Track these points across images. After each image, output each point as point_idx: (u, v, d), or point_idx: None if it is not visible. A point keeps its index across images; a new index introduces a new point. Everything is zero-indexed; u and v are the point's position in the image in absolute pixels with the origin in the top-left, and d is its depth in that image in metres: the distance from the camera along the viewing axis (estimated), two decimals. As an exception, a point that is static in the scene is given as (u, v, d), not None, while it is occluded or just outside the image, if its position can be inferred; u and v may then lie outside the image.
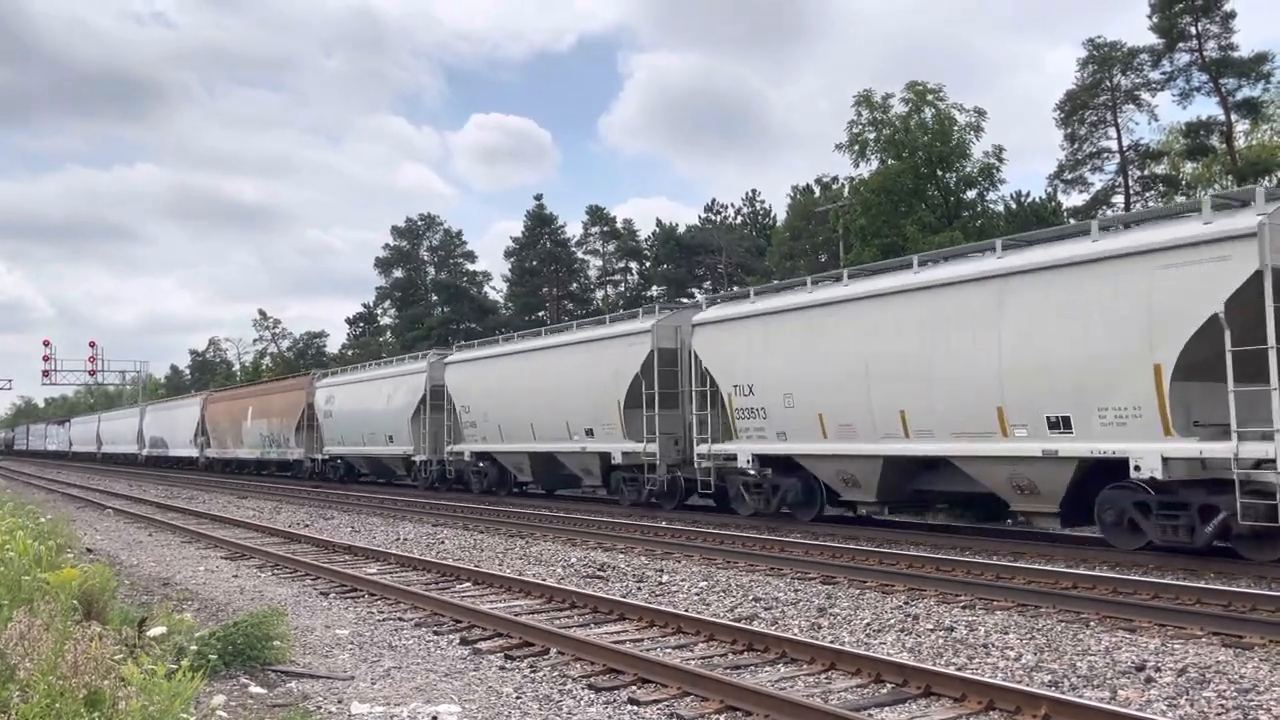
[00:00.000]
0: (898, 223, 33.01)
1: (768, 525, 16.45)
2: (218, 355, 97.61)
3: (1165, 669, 6.83)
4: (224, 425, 43.94)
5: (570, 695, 6.55)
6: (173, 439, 50.96)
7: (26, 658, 4.62)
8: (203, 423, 46.17)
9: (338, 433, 33.22)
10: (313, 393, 35.21)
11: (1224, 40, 32.80)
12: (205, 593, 11.16)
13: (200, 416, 46.39)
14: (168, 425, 52.13)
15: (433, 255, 69.27)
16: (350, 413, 32.22)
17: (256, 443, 39.92)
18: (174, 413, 51.83)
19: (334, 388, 33.99)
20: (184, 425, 49.13)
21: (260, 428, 39.73)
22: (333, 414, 33.51)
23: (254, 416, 40.27)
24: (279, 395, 38.87)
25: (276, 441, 38.27)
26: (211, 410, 45.84)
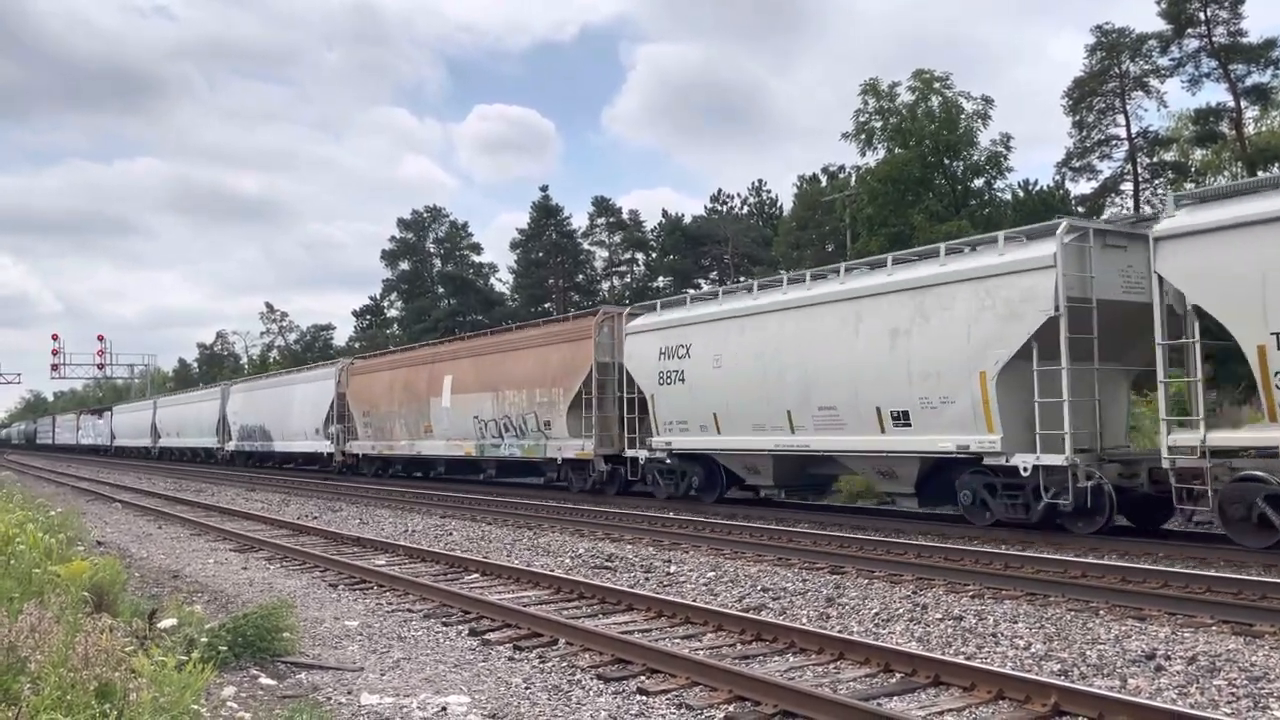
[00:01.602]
0: (905, 212, 32.92)
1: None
2: (225, 348, 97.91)
3: (1175, 657, 6.81)
4: (388, 406, 30.13)
5: (579, 685, 6.56)
6: (280, 428, 38.66)
7: (38, 650, 4.63)
8: (340, 404, 33.22)
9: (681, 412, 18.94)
10: (612, 342, 21.14)
11: (1233, 26, 32.60)
12: (215, 585, 11.20)
13: (335, 395, 33.44)
14: (272, 409, 39.47)
15: (439, 247, 69.33)
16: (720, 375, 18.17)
17: (467, 431, 25.80)
18: (283, 391, 38.83)
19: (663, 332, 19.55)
20: (303, 409, 36.16)
21: (479, 406, 25.27)
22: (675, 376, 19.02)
23: (462, 389, 26.18)
24: (530, 352, 23.80)
25: (518, 428, 23.76)
26: (359, 385, 32.42)
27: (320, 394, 34.49)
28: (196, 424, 50.07)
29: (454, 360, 27.16)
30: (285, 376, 41.23)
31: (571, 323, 23.69)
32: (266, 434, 40.03)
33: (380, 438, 30.66)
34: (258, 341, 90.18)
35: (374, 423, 30.93)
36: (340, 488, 27.36)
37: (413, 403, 28.42)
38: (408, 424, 28.82)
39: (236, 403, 43.80)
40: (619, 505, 19.36)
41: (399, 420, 29.39)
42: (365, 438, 31.70)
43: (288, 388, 38.55)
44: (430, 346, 31.64)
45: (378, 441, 30.84)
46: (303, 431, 36.21)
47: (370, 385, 31.48)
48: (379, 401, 30.57)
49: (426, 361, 28.56)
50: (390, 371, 30.56)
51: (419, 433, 28.20)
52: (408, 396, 28.77)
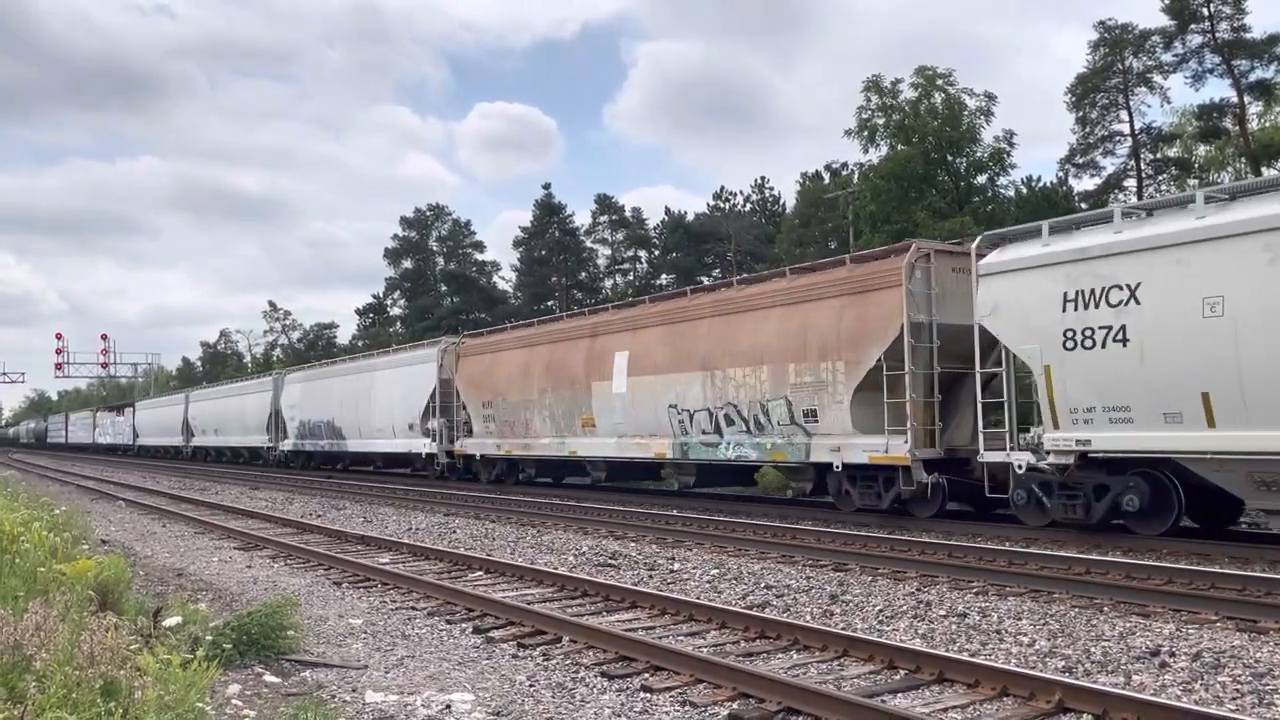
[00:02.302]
0: (908, 209, 32.86)
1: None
2: (229, 347, 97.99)
3: (1180, 654, 6.80)
4: (521, 394, 23.72)
5: (583, 683, 6.57)
6: (357, 423, 32.19)
7: (43, 648, 4.64)
8: (444, 393, 27.13)
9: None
10: (929, 291, 14.98)
11: (1236, 22, 32.46)
12: (219, 583, 11.22)
13: (436, 382, 27.32)
14: (345, 401, 32.94)
15: (441, 245, 69.30)
16: None
17: (655, 425, 19.38)
18: (361, 380, 32.34)
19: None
20: (390, 400, 29.96)
21: (677, 391, 18.79)
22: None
23: (647, 368, 19.66)
24: (777, 312, 17.03)
25: (752, 420, 17.22)
26: (474, 368, 26.01)
27: (415, 381, 28.40)
28: (240, 420, 44.25)
29: (631, 331, 20.51)
30: (363, 361, 34.26)
31: (861, 266, 16.09)
32: (336, 431, 33.87)
33: (509, 434, 24.37)
34: (261, 340, 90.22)
35: (499, 415, 24.62)
36: (344, 487, 27.38)
37: (562, 389, 22.12)
38: (554, 416, 22.53)
39: (294, 394, 37.81)
40: (625, 503, 19.26)
41: (538, 412, 23.07)
42: (484, 434, 25.36)
43: (367, 375, 32.16)
44: (588, 315, 23.74)
45: (505, 439, 24.54)
46: (389, 427, 30.00)
47: (493, 368, 25.12)
48: (506, 388, 24.32)
49: (584, 334, 22.04)
50: (524, 350, 24.15)
51: (571, 427, 21.96)
52: (554, 380, 22.48)
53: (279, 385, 39.99)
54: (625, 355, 20.22)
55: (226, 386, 50.76)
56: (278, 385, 40.18)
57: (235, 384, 50.38)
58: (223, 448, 48.24)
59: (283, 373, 41.69)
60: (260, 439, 41.63)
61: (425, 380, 27.86)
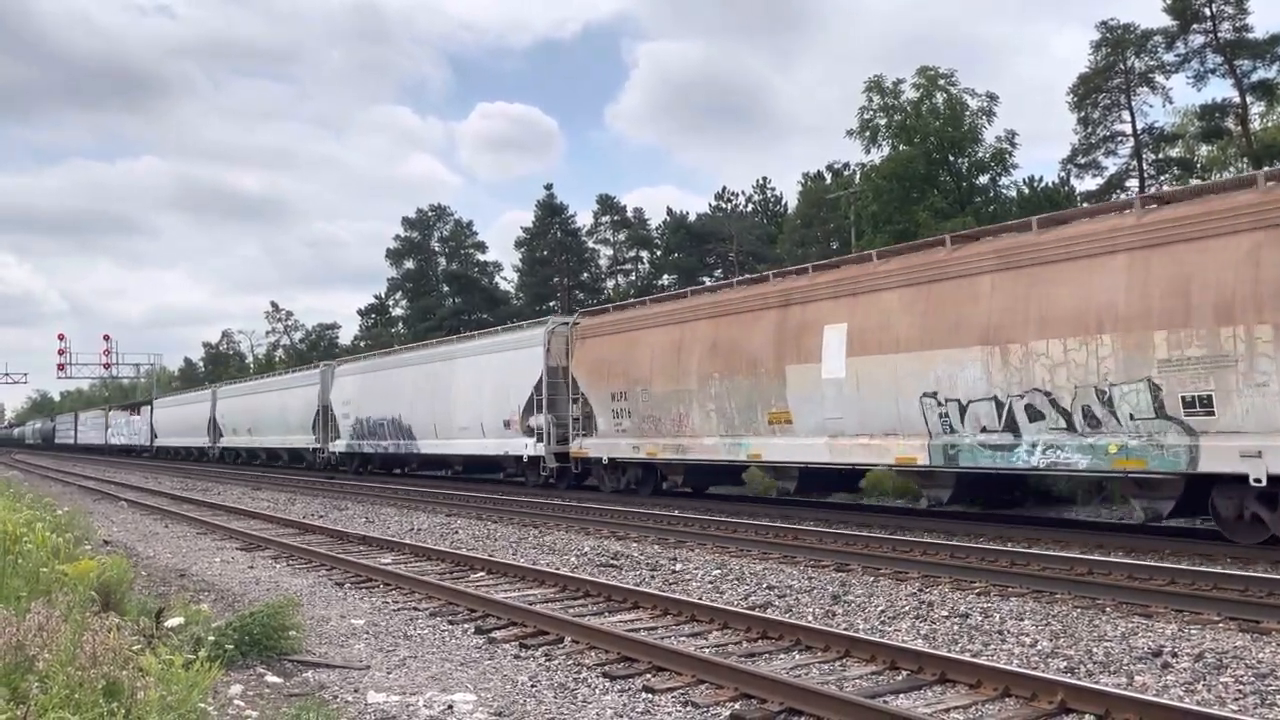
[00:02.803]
0: (909, 209, 32.85)
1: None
2: (231, 347, 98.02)
3: (1182, 654, 6.80)
4: (669, 383, 19.29)
5: (585, 684, 6.57)
6: (431, 420, 27.95)
7: (45, 649, 4.64)
8: (552, 383, 22.85)
9: None
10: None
11: (1238, 22, 32.43)
12: (221, 583, 11.22)
13: (542, 370, 22.89)
14: (415, 395, 28.70)
15: (443, 246, 69.32)
16: None
17: (895, 420, 14.79)
18: (437, 370, 28.03)
19: None
20: (477, 392, 25.55)
21: (936, 375, 14.14)
22: None
23: (873, 345, 15.17)
24: (1127, 260, 12.10)
25: (1083, 414, 12.41)
26: (598, 352, 21.54)
27: (513, 370, 23.91)
28: (279, 419, 39.48)
29: (850, 296, 15.66)
30: (441, 348, 29.54)
31: None
32: (403, 430, 29.45)
33: (651, 432, 19.80)
34: (263, 341, 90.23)
35: (637, 410, 20.05)
36: (346, 487, 27.35)
37: (738, 375, 17.50)
38: (723, 411, 17.86)
39: (348, 388, 33.56)
40: (627, 504, 19.32)
41: (698, 405, 18.40)
42: (614, 433, 20.86)
43: (444, 365, 27.86)
44: (773, 280, 18.02)
45: (645, 439, 19.94)
46: (475, 425, 25.53)
47: (627, 351, 20.50)
48: (649, 376, 19.73)
49: (769, 304, 17.27)
50: (674, 328, 19.46)
51: (751, 424, 17.22)
52: (724, 365, 17.83)
53: (328, 378, 35.47)
54: (841, 329, 15.56)
55: (263, 380, 45.51)
56: (326, 378, 35.61)
57: (273, 377, 45.32)
58: (257, 449, 43.32)
59: (332, 364, 37.29)
60: (304, 439, 36.95)
61: (527, 369, 23.16)
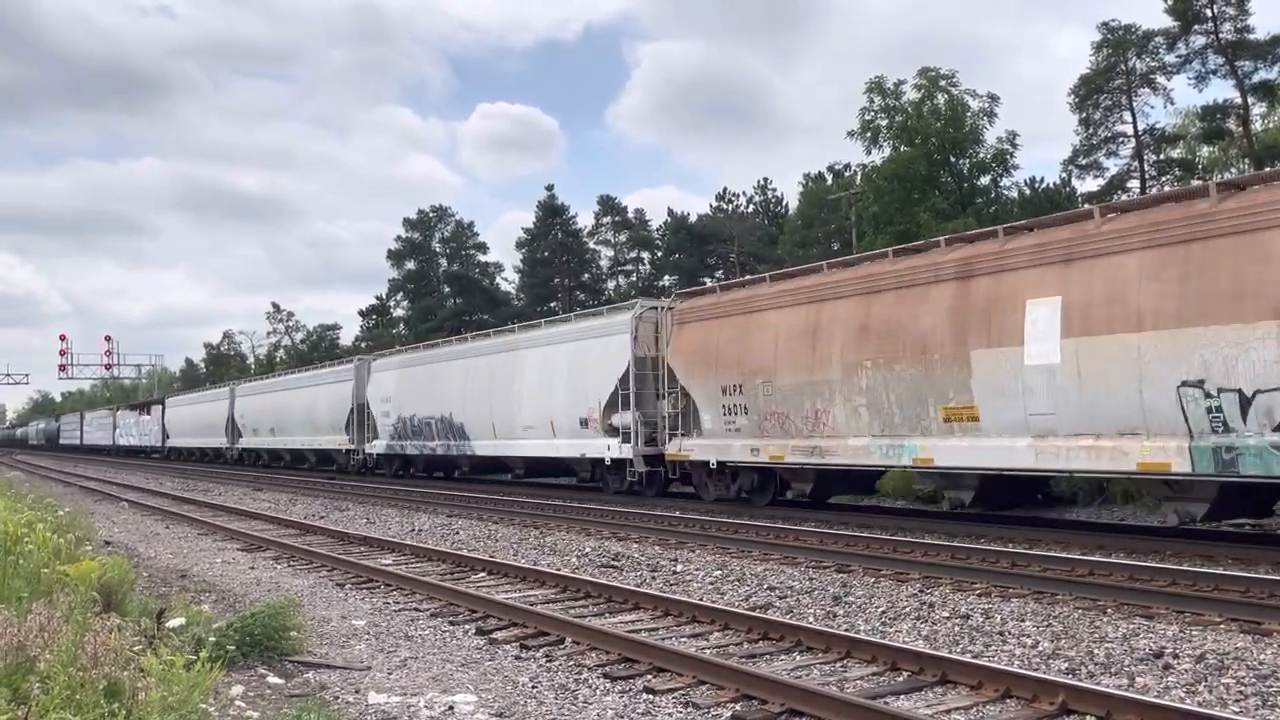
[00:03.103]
0: (911, 210, 32.85)
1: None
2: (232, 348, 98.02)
3: (1183, 656, 6.79)
4: (802, 372, 16.49)
5: (586, 684, 6.57)
6: (490, 419, 24.89)
7: (46, 649, 4.65)
8: (641, 374, 20.16)
9: None
10: None
11: (1240, 23, 32.40)
12: (222, 584, 11.23)
13: (629, 360, 20.13)
14: (469, 391, 25.89)
15: (444, 247, 69.34)
16: None
17: (1133, 415, 11.85)
18: (497, 363, 25.09)
19: None
20: (548, 386, 22.74)
21: (1238, 354, 10.82)
22: None
23: (1092, 319, 12.29)
24: None
25: None
26: (703, 339, 18.82)
27: (592, 361, 21.22)
28: (308, 417, 36.43)
29: (1063, 264, 12.81)
30: (502, 339, 26.41)
31: None
32: (454, 429, 26.57)
33: (776, 432, 16.89)
34: (264, 341, 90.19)
35: (757, 405, 17.18)
36: (346, 487, 27.32)
37: (900, 362, 14.55)
38: (877, 406, 14.98)
39: (387, 384, 30.78)
40: (626, 504, 19.35)
41: (842, 399, 15.53)
42: (725, 432, 18.00)
43: (507, 356, 24.76)
44: (945, 249, 14.81)
45: (768, 439, 17.01)
46: (545, 424, 22.71)
47: (741, 337, 17.66)
48: (772, 365, 16.85)
49: (941, 276, 14.26)
50: (806, 308, 16.49)
51: (918, 422, 14.43)
52: (878, 350, 14.90)
53: (364, 374, 32.56)
54: (1052, 304, 12.74)
55: (289, 376, 42.21)
56: (362, 374, 32.66)
57: (300, 373, 41.44)
58: (281, 450, 40.21)
59: (368, 359, 34.03)
60: (336, 440, 34.13)
61: (611, 360, 20.20)
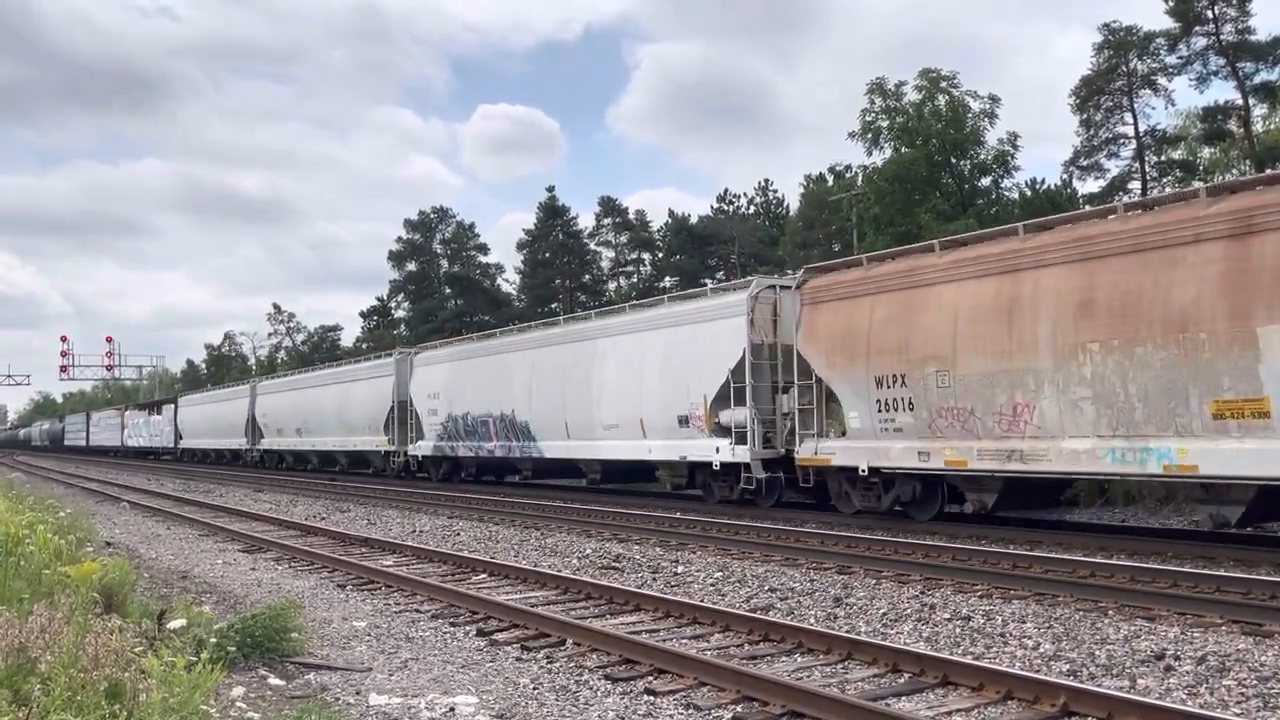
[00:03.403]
0: (911, 211, 32.85)
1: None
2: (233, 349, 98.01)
3: (1185, 657, 6.79)
4: (995, 358, 13.23)
5: (587, 686, 6.57)
6: (573, 417, 21.91)
7: (48, 650, 4.65)
8: (758, 363, 17.33)
9: None
10: None
11: (1241, 24, 32.36)
12: (223, 585, 11.23)
13: (745, 346, 17.24)
14: (543, 383, 22.96)
15: (445, 248, 69.37)
16: None
17: None
18: (570, 354, 22.29)
19: None
20: (635, 379, 19.97)
21: None
22: None
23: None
24: None
25: None
26: (839, 317, 15.59)
27: (698, 349, 18.30)
28: (340, 416, 33.70)
29: None
30: (575, 326, 23.32)
31: None
32: (517, 429, 23.74)
33: (952, 432, 13.70)
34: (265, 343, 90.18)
35: (924, 399, 13.98)
36: (348, 487, 27.31)
37: (1139, 344, 11.64)
38: (1107, 399, 11.98)
39: (434, 379, 28.15)
40: (628, 505, 19.32)
41: (1051, 391, 12.55)
42: (878, 433, 14.71)
43: (583, 346, 21.81)
44: (1200, 200, 11.64)
45: (940, 440, 13.85)
46: (631, 422, 19.78)
47: (902, 318, 14.41)
48: (944, 350, 13.77)
49: (1203, 234, 11.23)
50: (995, 280, 13.38)
51: (1176, 420, 11.36)
52: (1108, 329, 11.95)
53: (406, 368, 29.89)
54: None
55: (319, 372, 39.25)
56: (404, 369, 29.98)
57: (332, 368, 38.70)
58: (308, 452, 37.56)
59: (410, 351, 31.35)
60: (373, 440, 31.45)
61: (721, 347, 17.44)
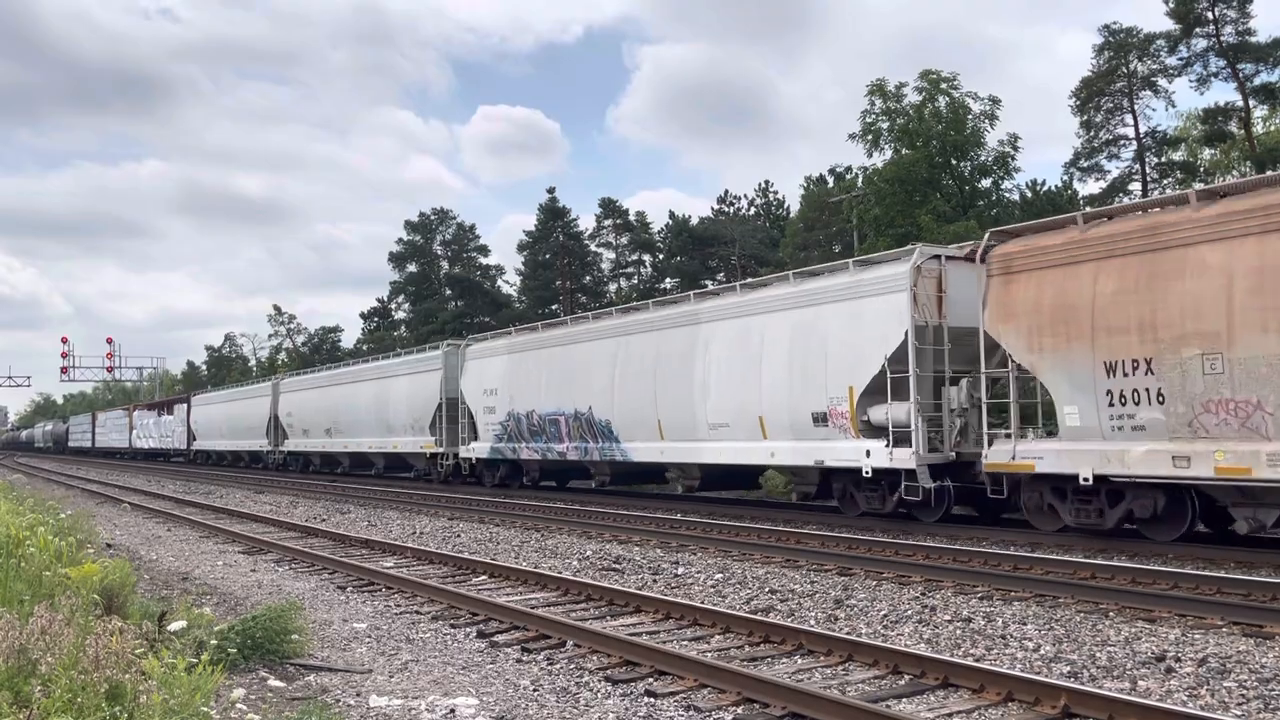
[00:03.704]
0: (912, 212, 32.85)
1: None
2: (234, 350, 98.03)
3: (1185, 659, 6.79)
4: None
5: (587, 688, 6.56)
6: (668, 415, 19.10)
7: (48, 652, 4.65)
8: (923, 350, 14.39)
9: None
10: None
11: (1241, 25, 32.44)
12: (224, 587, 11.23)
13: (908, 329, 14.31)
14: (624, 377, 20.37)
15: (446, 249, 69.42)
16: None
17: None
18: (659, 343, 19.63)
19: None
20: (745, 370, 17.23)
21: None
22: None
23: None
24: None
25: None
26: (1067, 287, 12.20)
27: (837, 333, 15.68)
28: (378, 416, 30.80)
29: None
30: (671, 310, 20.06)
31: None
32: (595, 428, 21.06)
33: (1221, 430, 10.90)
34: (266, 344, 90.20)
35: (1178, 390, 11.22)
36: (348, 489, 27.30)
37: None
38: None
39: (488, 373, 24.97)
40: (629, 507, 19.31)
41: None
42: (1108, 431, 11.88)
43: (680, 333, 18.87)
44: None
45: (1203, 442, 11.00)
46: (742, 419, 17.33)
47: (1144, 285, 11.58)
48: (1214, 328, 10.92)
49: None
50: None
51: None
52: None
53: (455, 363, 26.89)
54: None
55: (352, 368, 36.08)
56: (453, 361, 27.01)
57: (367, 363, 35.42)
58: (340, 454, 34.85)
59: (459, 343, 27.84)
60: (416, 442, 28.66)
61: (874, 329, 15.09)
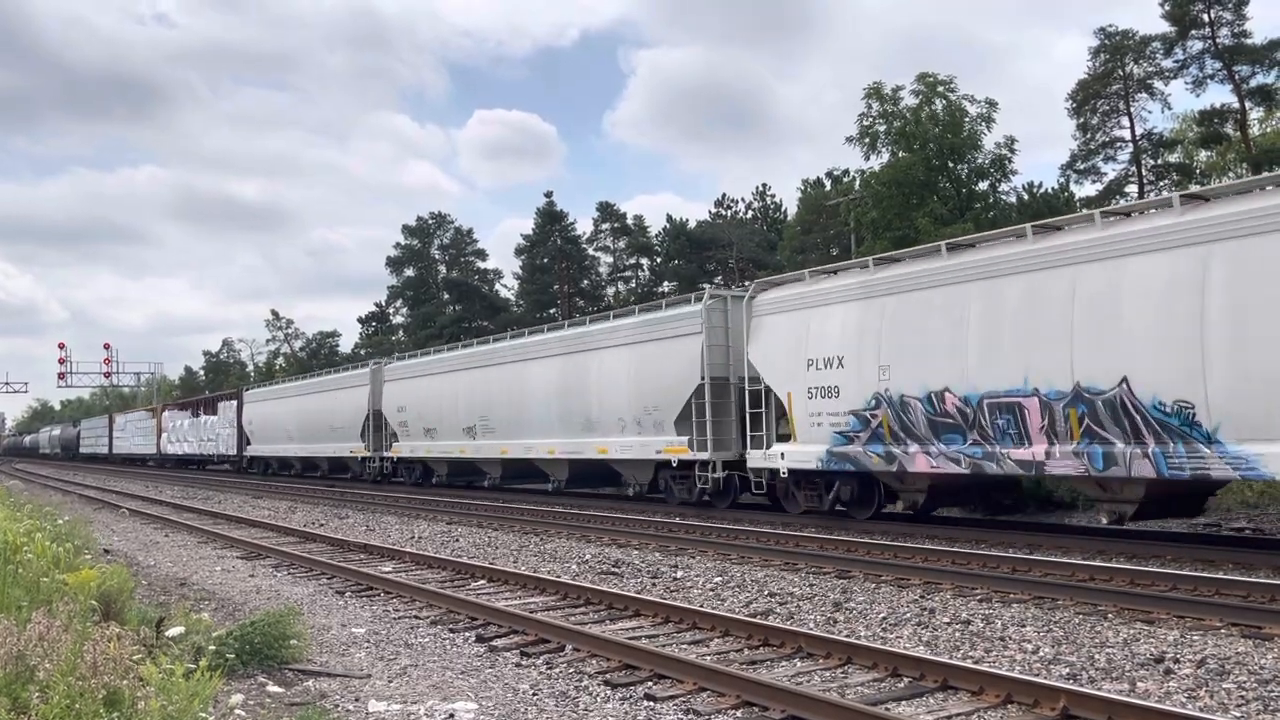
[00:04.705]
0: (909, 215, 32.89)
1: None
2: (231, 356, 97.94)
3: (1184, 660, 6.79)
4: None
5: (587, 692, 6.56)
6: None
7: (46, 658, 4.64)
8: None
9: None
10: None
11: (1237, 27, 32.48)
12: (222, 592, 11.21)
13: None
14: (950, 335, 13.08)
15: (443, 254, 69.43)
16: None
17: None
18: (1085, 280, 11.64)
19: None
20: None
21: None
22: None
23: None
24: None
25: None
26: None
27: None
28: (562, 408, 21.90)
29: None
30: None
31: None
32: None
33: None
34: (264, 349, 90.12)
35: None
36: (346, 494, 27.30)
37: None
38: None
39: (789, 331, 16.40)
40: (628, 510, 19.30)
41: None
42: None
43: (1107, 266, 11.81)
44: None
45: None
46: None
47: None
48: None
49: None
50: None
51: None
52: None
53: (715, 318, 18.11)
54: None
55: (520, 340, 24.68)
56: (712, 318, 18.09)
57: (548, 334, 24.10)
58: (491, 460, 24.95)
59: (724, 292, 18.92)
60: (657, 441, 19.22)
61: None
